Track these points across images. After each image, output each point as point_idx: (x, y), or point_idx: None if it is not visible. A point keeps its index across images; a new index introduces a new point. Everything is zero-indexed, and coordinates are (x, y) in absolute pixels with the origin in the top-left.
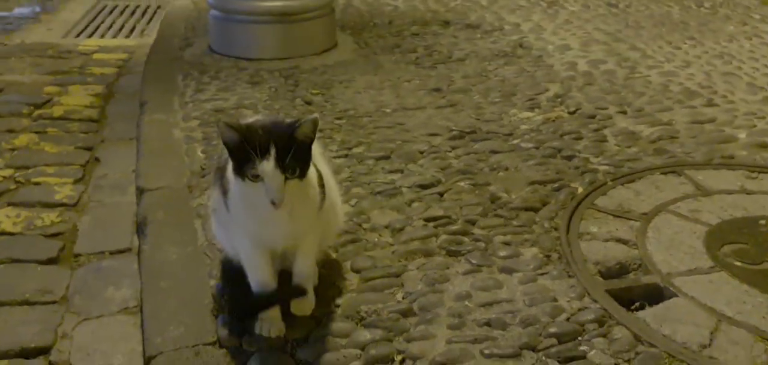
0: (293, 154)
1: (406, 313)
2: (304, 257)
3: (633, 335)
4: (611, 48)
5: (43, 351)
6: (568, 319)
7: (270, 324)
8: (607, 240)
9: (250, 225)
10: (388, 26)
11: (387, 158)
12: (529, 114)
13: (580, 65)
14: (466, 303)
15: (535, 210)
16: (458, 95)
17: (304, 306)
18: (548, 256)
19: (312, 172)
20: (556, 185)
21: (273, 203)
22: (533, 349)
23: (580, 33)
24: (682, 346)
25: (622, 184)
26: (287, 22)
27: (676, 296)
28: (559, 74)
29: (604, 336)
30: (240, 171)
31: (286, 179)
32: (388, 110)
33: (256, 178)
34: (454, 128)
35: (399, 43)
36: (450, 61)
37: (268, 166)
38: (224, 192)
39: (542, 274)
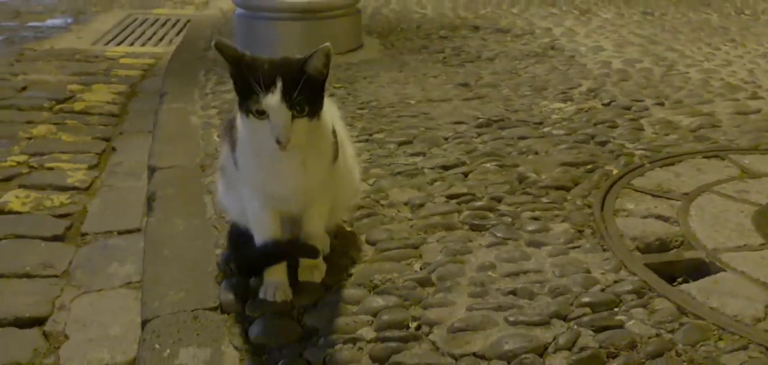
0: (302, 88)
1: (424, 282)
2: (315, 217)
3: (676, 307)
4: (647, 49)
5: (39, 321)
6: (602, 290)
7: (275, 288)
8: (645, 217)
9: (258, 178)
10: (415, 30)
11: (409, 142)
12: (561, 105)
13: (614, 64)
14: (490, 273)
15: (567, 189)
16: (486, 89)
17: (314, 273)
18: (580, 231)
19: (326, 122)
20: (588, 166)
21: (278, 141)
22: (564, 318)
23: (614, 37)
24: (733, 319)
25: (661, 166)
26: (312, 19)
27: (724, 271)
28: (592, 72)
29: (644, 306)
30: (244, 106)
31: (294, 117)
32: (412, 102)
33: (261, 114)
34: (480, 116)
35: (426, 44)
36: (478, 60)
37: (272, 100)
38: (233, 146)
39: (574, 248)
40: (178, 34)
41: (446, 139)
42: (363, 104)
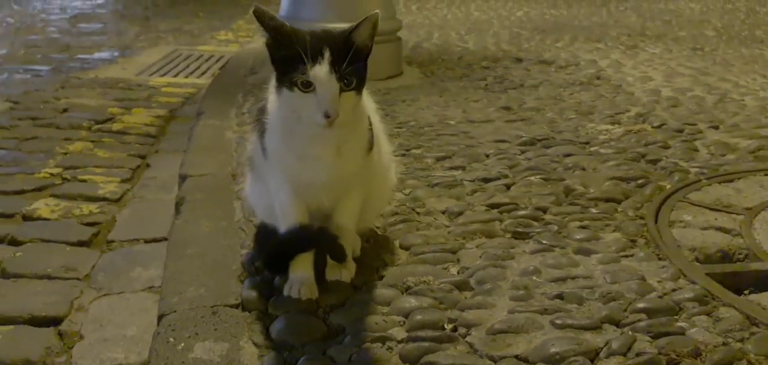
0: (350, 59)
1: (462, 286)
2: (346, 210)
3: (745, 316)
4: (697, 79)
5: (55, 321)
6: (660, 297)
7: (301, 284)
8: (704, 228)
9: (289, 163)
10: (456, 61)
11: (448, 157)
12: (609, 126)
13: (663, 92)
14: (534, 277)
15: (617, 201)
16: (530, 112)
17: (342, 272)
18: (633, 241)
19: (363, 110)
20: (640, 181)
21: (327, 116)
22: (617, 324)
23: (662, 68)
24: None
25: (719, 182)
26: None
27: None
28: (640, 99)
29: (708, 315)
30: (285, 79)
31: (342, 90)
32: (452, 122)
33: (307, 87)
34: (524, 135)
35: (467, 73)
36: (521, 87)
37: (321, 71)
38: (262, 132)
39: (626, 256)
40: (221, 68)
41: (487, 155)
42: (401, 124)
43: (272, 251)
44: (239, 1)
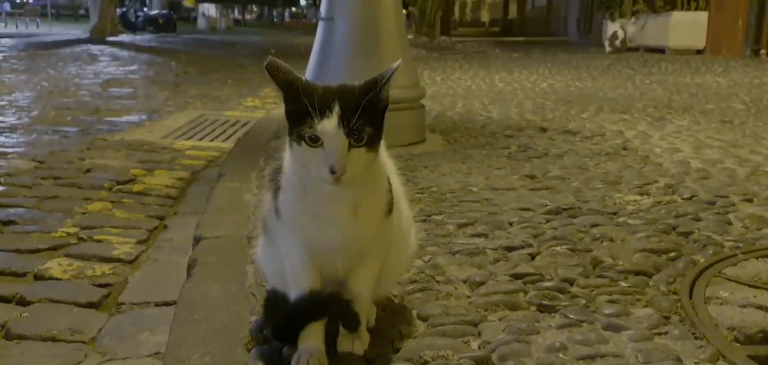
0: (361, 114)
1: (483, 361)
2: (362, 277)
3: None
4: (727, 152)
5: None
6: None
7: (310, 355)
8: (744, 306)
9: (303, 223)
10: (480, 130)
11: (470, 224)
12: (637, 197)
13: (693, 164)
14: (560, 354)
15: (648, 275)
16: (555, 181)
17: (355, 343)
18: (667, 317)
19: (383, 167)
20: (672, 254)
21: (332, 171)
22: None
23: (691, 140)
24: None
25: (757, 258)
26: None
27: None
28: (668, 170)
29: None
30: (294, 133)
31: (351, 145)
32: (474, 189)
33: (315, 141)
34: (549, 204)
35: (491, 141)
36: (546, 156)
37: (328, 124)
38: (276, 191)
39: (660, 334)
40: (245, 133)
41: (511, 223)
42: (423, 189)
43: (281, 320)
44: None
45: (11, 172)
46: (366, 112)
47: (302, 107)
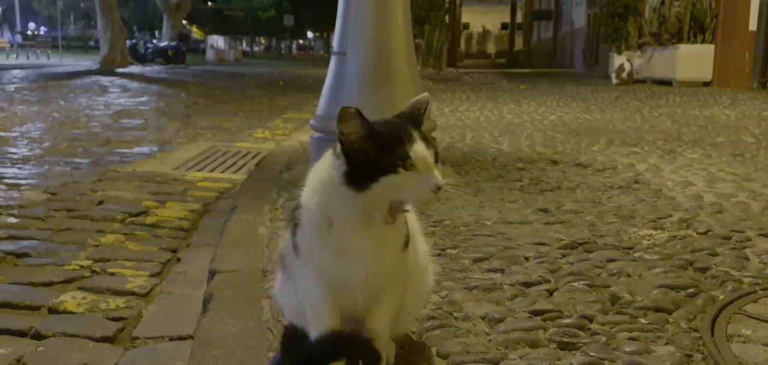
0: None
1: None
2: (380, 314)
3: None
4: (741, 186)
5: None
6: None
7: None
8: (767, 345)
9: (326, 260)
10: (491, 162)
11: (485, 259)
12: (652, 231)
13: (706, 197)
14: None
15: (668, 311)
16: (569, 215)
17: None
18: (689, 355)
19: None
20: (690, 290)
21: (438, 187)
22: None
23: (703, 174)
24: None
25: None
26: None
27: None
28: (682, 204)
29: None
30: (385, 165)
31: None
32: (488, 223)
33: (411, 166)
34: (564, 238)
35: (502, 174)
36: (558, 189)
37: (419, 148)
38: (294, 226)
39: None
40: (257, 164)
41: (527, 258)
42: (435, 222)
43: (303, 359)
44: (277, 102)
45: (24, 203)
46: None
47: (387, 139)
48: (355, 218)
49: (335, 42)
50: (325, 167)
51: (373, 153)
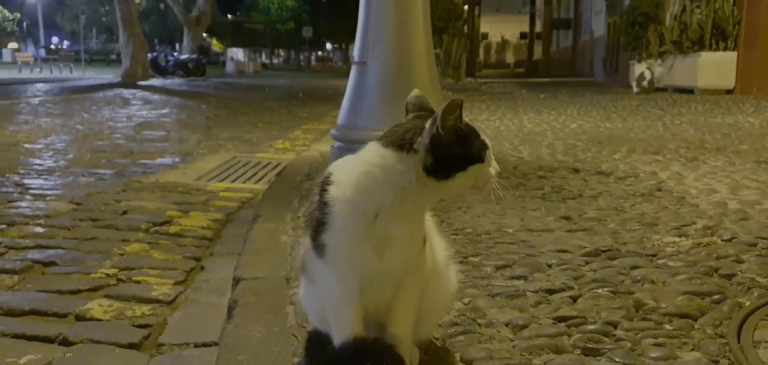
0: None
1: None
2: (401, 315)
3: None
4: (766, 193)
5: None
6: None
7: None
8: None
9: (365, 253)
10: (512, 170)
11: (508, 266)
12: (676, 239)
13: (730, 205)
14: None
15: (693, 318)
16: (591, 223)
17: None
18: (715, 361)
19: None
20: (716, 297)
21: (498, 172)
22: None
23: (727, 181)
24: None
25: None
26: None
27: None
28: (706, 212)
29: None
30: (468, 158)
31: None
32: (510, 231)
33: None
34: (587, 246)
35: (523, 183)
36: (580, 197)
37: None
38: (318, 227)
39: None
40: (278, 174)
41: (550, 265)
42: (457, 230)
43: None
44: (297, 113)
45: (50, 214)
46: None
47: (470, 133)
48: (403, 209)
49: (356, 52)
50: (370, 161)
51: (459, 147)
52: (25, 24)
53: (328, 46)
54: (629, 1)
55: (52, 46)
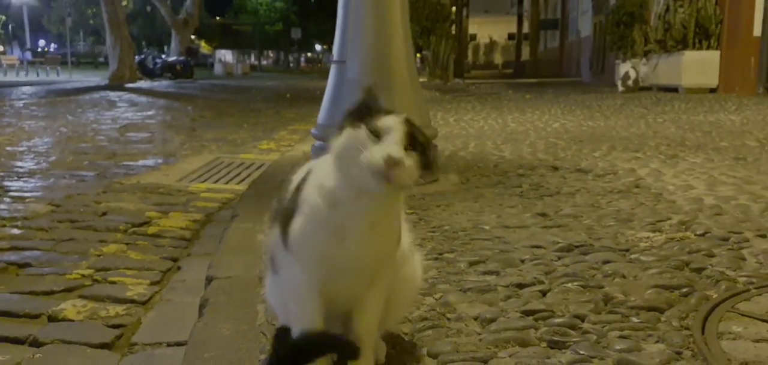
0: None
1: None
2: (369, 308)
3: None
4: (742, 188)
5: None
6: None
7: None
8: (757, 341)
9: (320, 241)
10: (492, 169)
11: (482, 262)
12: (650, 234)
13: (706, 201)
14: None
15: (660, 311)
16: (567, 219)
17: None
18: (679, 352)
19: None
20: (684, 290)
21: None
22: None
23: (704, 177)
24: None
25: None
26: None
27: None
28: (682, 207)
29: None
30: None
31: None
32: (486, 227)
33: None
34: (561, 241)
35: (503, 180)
36: (558, 194)
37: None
38: (287, 218)
39: None
40: (260, 175)
41: (523, 260)
42: (435, 228)
43: (283, 358)
44: (283, 114)
45: (28, 216)
46: None
47: None
48: (359, 201)
49: (335, 51)
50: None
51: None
52: (10, 27)
53: (318, 47)
54: (615, 0)
55: (39, 49)
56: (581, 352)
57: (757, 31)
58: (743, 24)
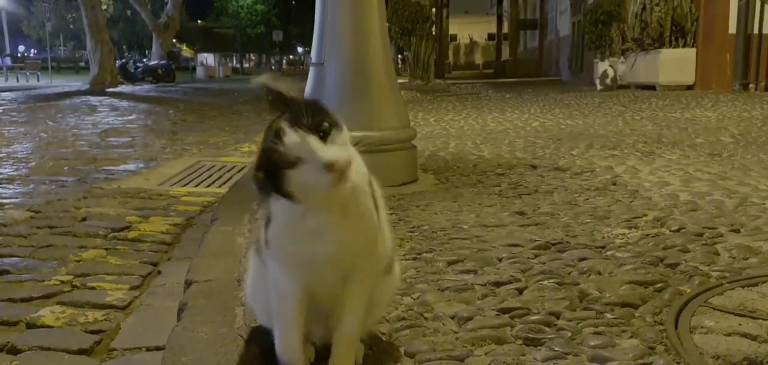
0: None
1: None
2: (352, 307)
3: None
4: (716, 184)
5: None
6: None
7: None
8: (729, 335)
9: (293, 239)
10: (471, 168)
11: (460, 261)
12: (626, 231)
13: (681, 197)
14: None
15: (634, 306)
16: (544, 217)
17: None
18: (652, 347)
19: (365, 185)
20: (658, 286)
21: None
22: None
23: (680, 174)
24: None
25: (743, 287)
26: (366, 152)
27: None
28: (657, 204)
29: None
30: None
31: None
32: (465, 227)
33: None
34: (538, 239)
35: (482, 180)
36: (536, 193)
37: None
38: (268, 222)
39: (645, 364)
40: (241, 178)
41: (500, 259)
42: (414, 228)
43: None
44: (265, 116)
45: (7, 222)
46: None
47: None
48: (327, 200)
49: (313, 53)
50: None
51: None
52: None
53: (300, 49)
54: (592, 0)
55: (19, 54)
56: (556, 349)
57: (733, 28)
58: (719, 21)
